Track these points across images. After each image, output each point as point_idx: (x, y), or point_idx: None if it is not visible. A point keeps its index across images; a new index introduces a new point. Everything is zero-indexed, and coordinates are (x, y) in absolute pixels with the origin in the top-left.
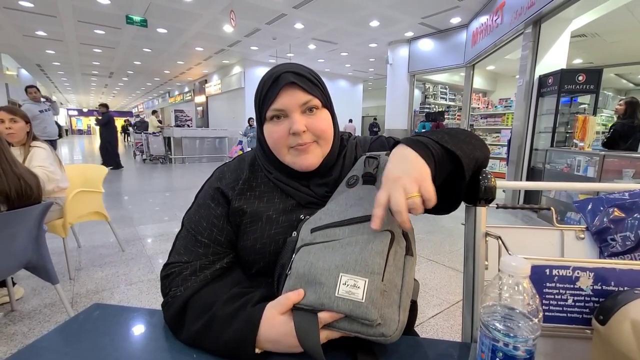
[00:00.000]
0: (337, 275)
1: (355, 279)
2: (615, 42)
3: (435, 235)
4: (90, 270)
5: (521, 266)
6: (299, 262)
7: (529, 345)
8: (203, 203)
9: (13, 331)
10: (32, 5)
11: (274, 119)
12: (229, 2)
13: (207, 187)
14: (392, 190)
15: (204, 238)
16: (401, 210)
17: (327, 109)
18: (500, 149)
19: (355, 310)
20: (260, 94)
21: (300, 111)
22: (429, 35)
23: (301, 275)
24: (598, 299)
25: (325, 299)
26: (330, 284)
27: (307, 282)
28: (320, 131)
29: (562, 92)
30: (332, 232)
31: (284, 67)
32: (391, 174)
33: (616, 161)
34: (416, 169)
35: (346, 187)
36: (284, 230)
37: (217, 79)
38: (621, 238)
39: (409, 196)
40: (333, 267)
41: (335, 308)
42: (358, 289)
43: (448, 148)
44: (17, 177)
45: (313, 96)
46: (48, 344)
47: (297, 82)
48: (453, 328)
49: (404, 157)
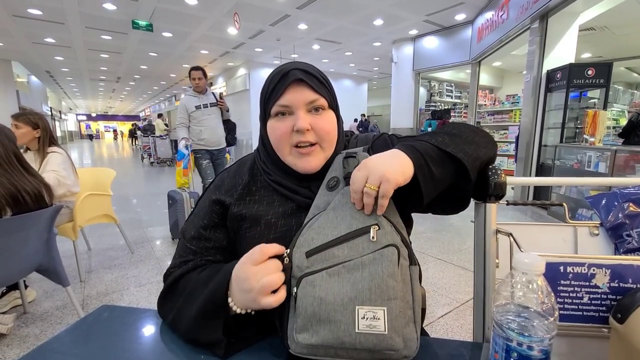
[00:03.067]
0: (353, 310)
1: (373, 310)
2: (625, 35)
3: (443, 234)
4: (100, 273)
5: (535, 263)
6: (305, 299)
7: (545, 345)
8: (196, 213)
9: (26, 333)
10: (41, 13)
11: (279, 115)
12: (233, 4)
13: (205, 197)
14: (360, 169)
15: (193, 246)
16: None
17: (333, 111)
18: (508, 145)
19: (380, 344)
20: (267, 89)
21: (306, 109)
22: (434, 33)
23: (311, 314)
24: (615, 297)
25: (346, 337)
26: (347, 321)
27: (320, 321)
28: (324, 132)
29: (571, 87)
30: (330, 254)
31: (293, 64)
32: (368, 160)
33: (628, 156)
34: (390, 169)
35: (327, 191)
36: (283, 234)
37: (222, 81)
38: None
39: (367, 185)
40: (347, 301)
41: (359, 345)
42: (379, 321)
43: (449, 152)
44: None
45: (320, 95)
46: (57, 345)
47: (305, 79)
48: (463, 327)
49: (390, 154)
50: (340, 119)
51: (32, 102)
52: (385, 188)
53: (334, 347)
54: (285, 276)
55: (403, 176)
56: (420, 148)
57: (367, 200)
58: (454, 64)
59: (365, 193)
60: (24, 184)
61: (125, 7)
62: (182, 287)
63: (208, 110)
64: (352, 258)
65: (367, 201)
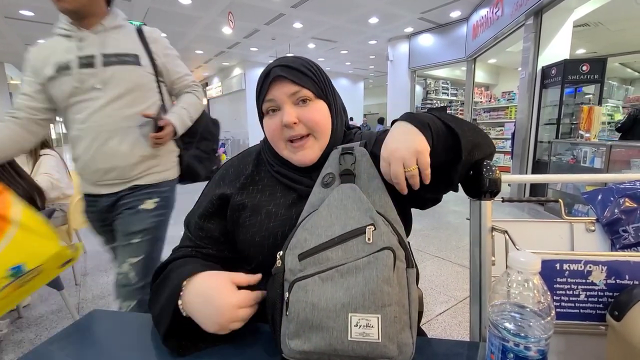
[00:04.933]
0: (345, 317)
1: (367, 318)
2: (619, 31)
3: (441, 231)
4: (96, 276)
5: (531, 262)
6: (298, 305)
7: (542, 345)
8: (199, 202)
9: (20, 338)
10: (33, 14)
11: (270, 113)
12: (227, 4)
13: (209, 186)
14: (392, 161)
15: (191, 234)
16: (400, 181)
17: (323, 100)
18: (504, 142)
19: (373, 352)
20: (257, 89)
21: (292, 102)
22: (429, 30)
23: (303, 321)
24: (612, 294)
25: (338, 345)
26: (340, 328)
27: (312, 328)
28: (312, 122)
29: (566, 83)
30: (324, 257)
31: (276, 61)
32: (390, 146)
33: (624, 151)
34: (415, 142)
35: (322, 188)
36: (283, 223)
37: (218, 81)
38: (633, 229)
39: (407, 169)
40: (339, 307)
41: (352, 353)
42: (372, 329)
43: (448, 124)
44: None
45: (301, 87)
46: (47, 351)
47: (284, 74)
48: (461, 325)
49: (403, 131)
50: (334, 107)
51: None
52: (424, 160)
53: (327, 354)
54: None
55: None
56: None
57: (413, 181)
58: (449, 61)
59: (410, 177)
60: (16, 187)
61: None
62: (163, 275)
63: (100, 75)
64: (346, 262)
65: (413, 182)
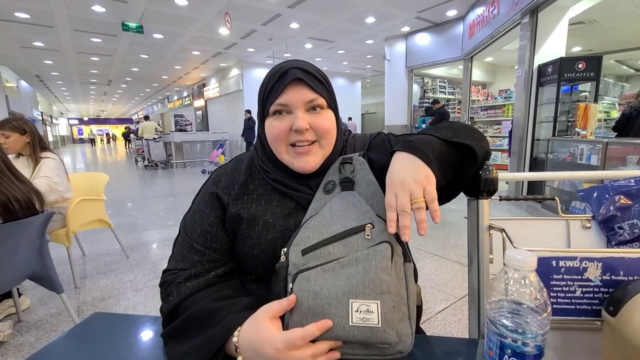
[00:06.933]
0: (347, 303)
1: (367, 304)
2: (614, 29)
3: (439, 230)
4: (96, 278)
5: (527, 259)
6: (300, 294)
7: (539, 341)
8: (198, 209)
9: (20, 342)
10: (28, 16)
11: (276, 114)
12: (224, 4)
13: (203, 191)
14: (399, 193)
15: (199, 245)
16: (406, 212)
17: (332, 110)
18: (501, 140)
19: (373, 337)
20: (266, 87)
21: (305, 109)
22: (426, 29)
23: (306, 309)
24: (607, 290)
25: (340, 331)
26: (341, 314)
27: (314, 315)
28: (323, 131)
29: (562, 81)
30: (326, 252)
31: (292, 62)
32: (397, 177)
33: (619, 148)
34: (421, 174)
35: (324, 194)
36: (282, 234)
37: (215, 82)
38: (629, 226)
39: (414, 201)
40: (341, 294)
41: (352, 338)
42: (372, 314)
43: (455, 141)
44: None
45: (319, 95)
46: (48, 356)
47: (304, 79)
48: (461, 322)
49: (407, 163)
50: (339, 118)
51: (22, 107)
52: (431, 191)
53: (328, 340)
54: (281, 274)
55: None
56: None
57: (419, 217)
58: (446, 60)
59: (417, 210)
60: (14, 191)
61: (115, 9)
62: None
63: None
64: (346, 254)
65: (419, 217)
